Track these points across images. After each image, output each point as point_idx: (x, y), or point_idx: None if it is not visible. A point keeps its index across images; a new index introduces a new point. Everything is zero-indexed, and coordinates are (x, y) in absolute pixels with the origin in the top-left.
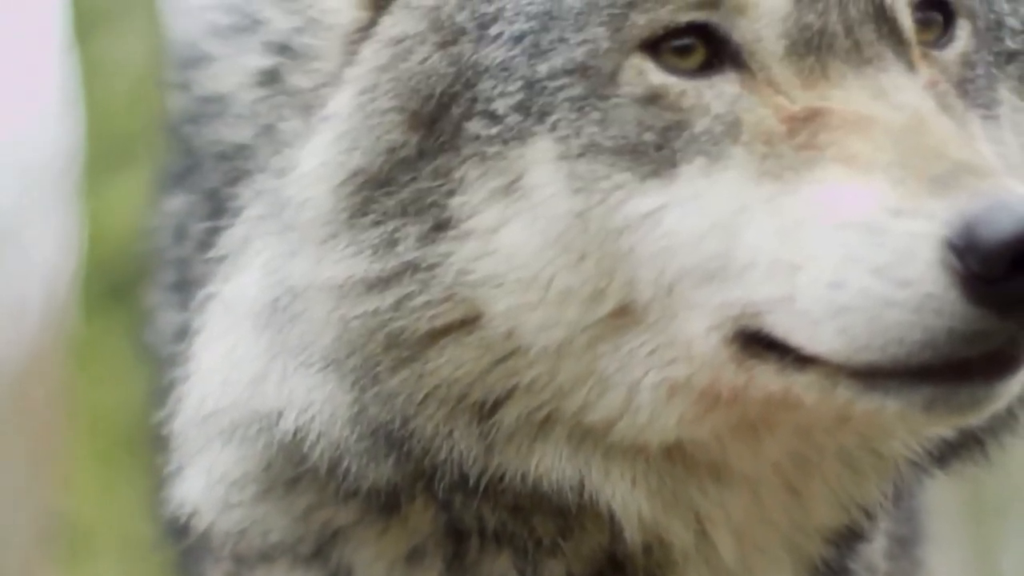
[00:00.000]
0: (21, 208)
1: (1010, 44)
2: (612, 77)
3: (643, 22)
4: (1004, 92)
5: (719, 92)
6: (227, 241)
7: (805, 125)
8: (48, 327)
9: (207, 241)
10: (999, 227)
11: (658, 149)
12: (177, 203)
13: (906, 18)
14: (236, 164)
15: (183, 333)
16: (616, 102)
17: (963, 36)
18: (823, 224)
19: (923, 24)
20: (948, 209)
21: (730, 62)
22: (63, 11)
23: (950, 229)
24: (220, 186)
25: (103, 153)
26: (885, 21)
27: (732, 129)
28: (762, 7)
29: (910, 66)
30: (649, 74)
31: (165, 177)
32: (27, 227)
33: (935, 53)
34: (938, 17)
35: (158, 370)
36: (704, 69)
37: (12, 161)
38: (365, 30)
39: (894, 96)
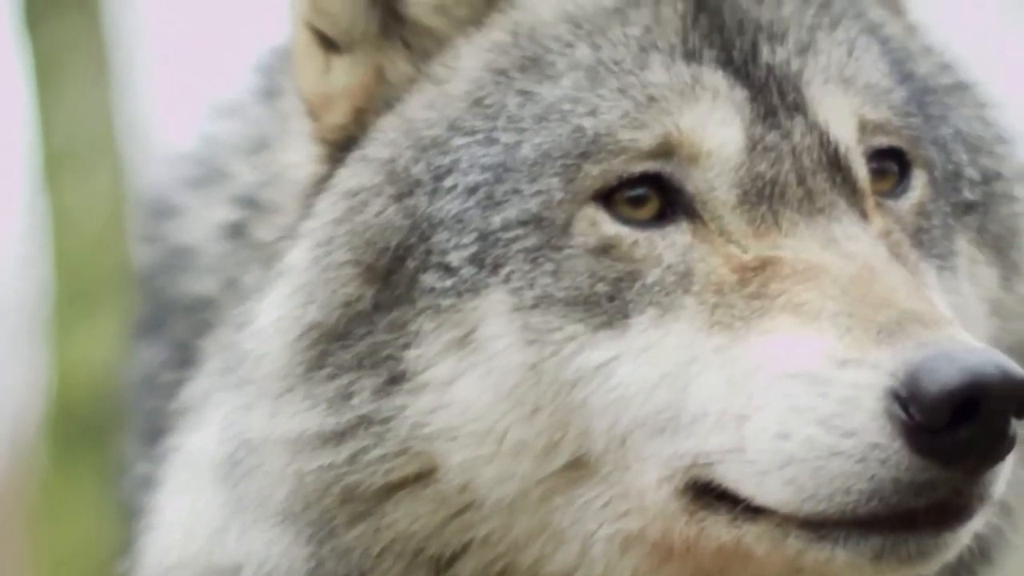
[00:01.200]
0: None
1: (968, 195)
2: (565, 228)
3: (596, 172)
4: (962, 243)
5: (671, 242)
6: (189, 394)
7: (756, 274)
8: (12, 470)
9: (175, 393)
10: (942, 377)
11: (610, 300)
12: (148, 354)
13: (860, 168)
14: (203, 317)
15: (150, 484)
16: (569, 253)
17: (918, 186)
18: (770, 374)
19: (878, 174)
20: (893, 359)
21: (683, 211)
22: (31, 154)
23: (894, 379)
24: (189, 338)
25: (70, 297)
26: (839, 171)
27: (684, 279)
28: (715, 157)
29: (863, 215)
30: (602, 224)
31: (137, 327)
32: None
33: (890, 203)
34: (894, 167)
35: (131, 521)
36: (657, 219)
37: None
38: (322, 183)
39: (845, 245)
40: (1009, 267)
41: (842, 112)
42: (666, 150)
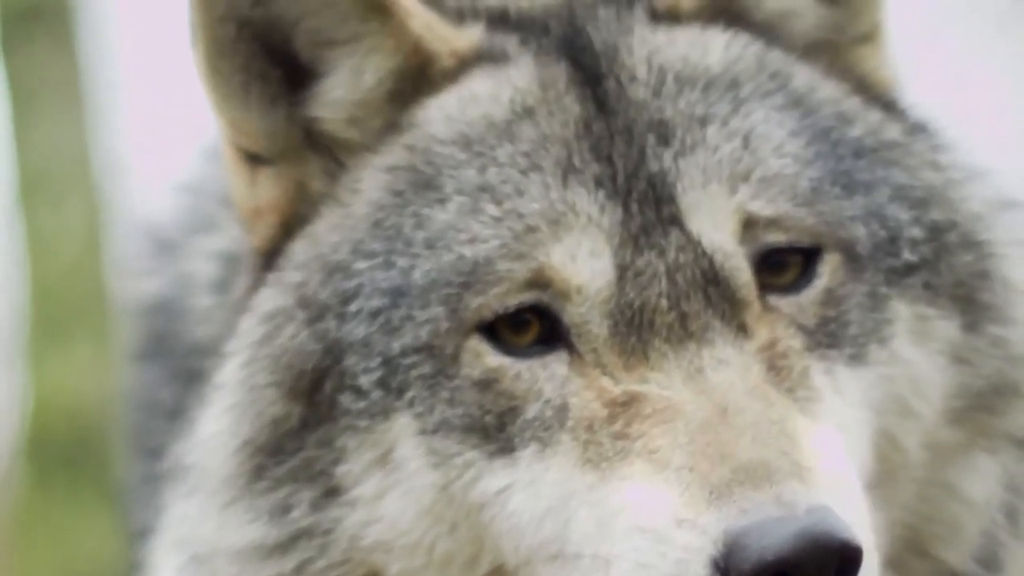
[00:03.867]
0: None
1: (909, 257)
2: (455, 358)
3: (475, 305)
4: (900, 307)
5: (551, 374)
6: (174, 456)
7: (624, 410)
8: None
9: (176, 415)
10: (753, 554)
11: (499, 431)
12: (150, 377)
13: (741, 276)
14: (201, 363)
15: (152, 504)
16: (459, 384)
17: (826, 273)
18: (626, 525)
19: (777, 267)
20: (717, 525)
21: (562, 340)
22: (5, 180)
23: (716, 548)
24: (189, 375)
25: (46, 323)
26: (717, 285)
27: (560, 414)
28: (585, 292)
29: (742, 330)
30: (486, 356)
31: (139, 351)
32: None
33: (789, 299)
34: (796, 258)
35: (135, 538)
36: (541, 343)
37: None
38: (244, 299)
39: (710, 376)
40: (977, 311)
41: (720, 216)
42: (542, 282)
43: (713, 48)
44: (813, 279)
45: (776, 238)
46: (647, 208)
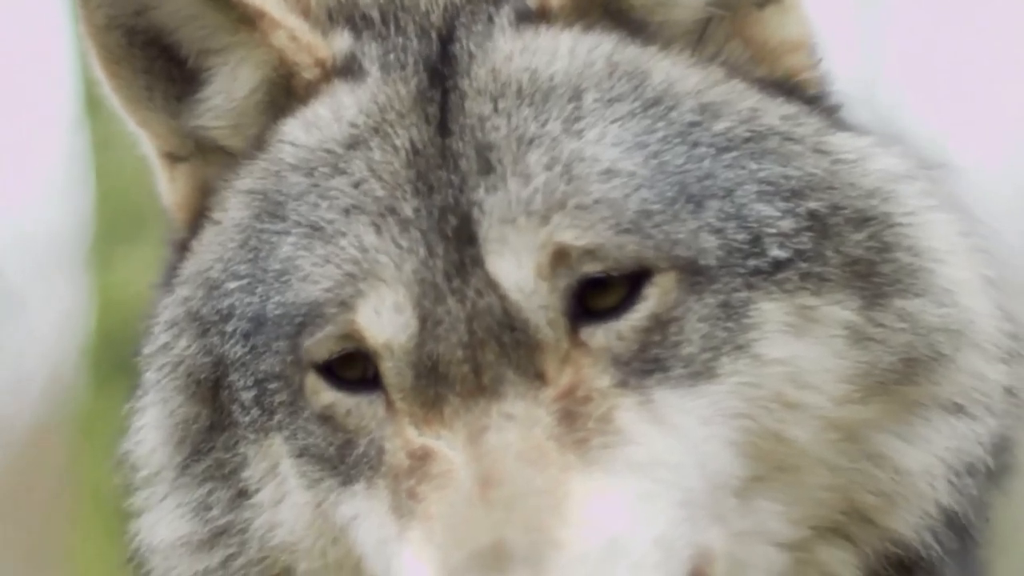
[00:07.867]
0: (27, 279)
1: (778, 253)
2: (301, 390)
3: (306, 346)
4: (770, 307)
5: (375, 412)
6: None
7: (419, 466)
8: (53, 400)
9: None
10: None
11: (341, 462)
12: None
13: (544, 317)
14: None
15: None
16: (308, 414)
17: (653, 295)
18: None
19: (600, 291)
20: None
21: (383, 382)
22: (74, 84)
23: None
24: None
25: (112, 226)
26: (513, 331)
27: (379, 456)
28: (390, 347)
29: (540, 378)
30: (322, 393)
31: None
32: (33, 298)
33: (605, 327)
34: (621, 281)
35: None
36: (373, 379)
37: (20, 232)
38: (155, 305)
39: (491, 437)
40: (879, 286)
41: (524, 253)
42: (356, 337)
43: (561, 54)
44: (636, 302)
45: (592, 268)
46: (453, 249)
